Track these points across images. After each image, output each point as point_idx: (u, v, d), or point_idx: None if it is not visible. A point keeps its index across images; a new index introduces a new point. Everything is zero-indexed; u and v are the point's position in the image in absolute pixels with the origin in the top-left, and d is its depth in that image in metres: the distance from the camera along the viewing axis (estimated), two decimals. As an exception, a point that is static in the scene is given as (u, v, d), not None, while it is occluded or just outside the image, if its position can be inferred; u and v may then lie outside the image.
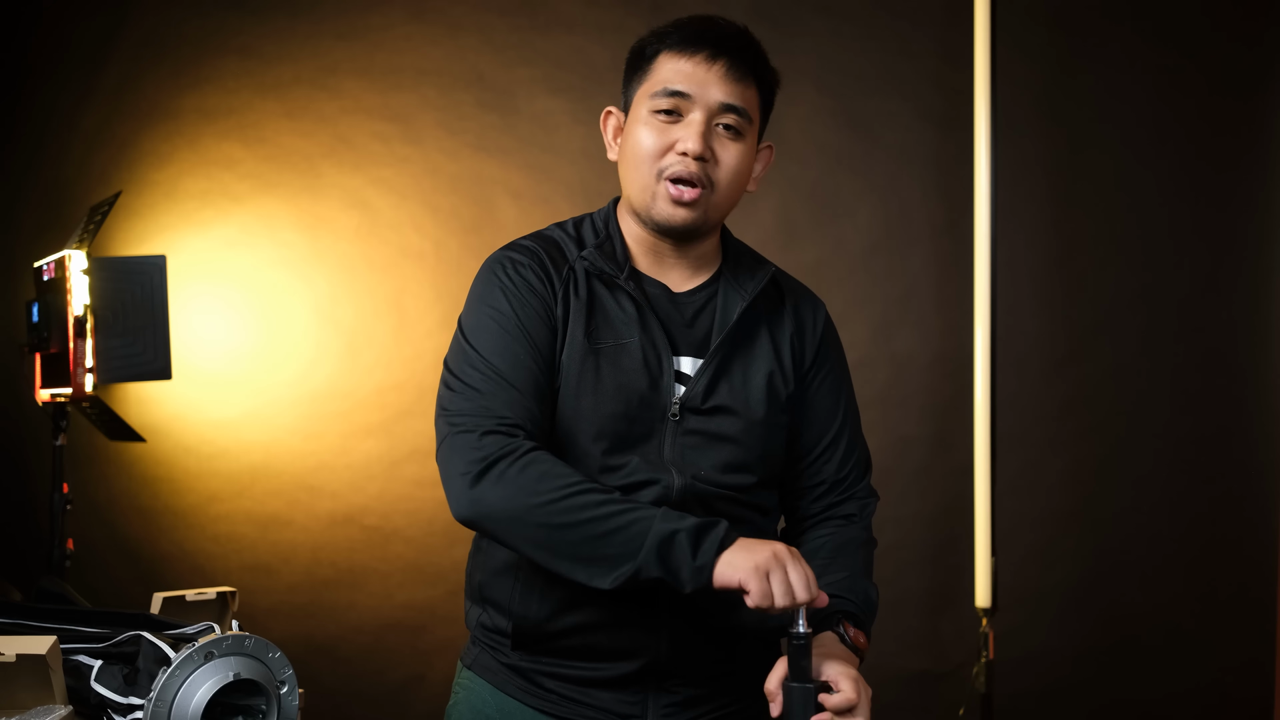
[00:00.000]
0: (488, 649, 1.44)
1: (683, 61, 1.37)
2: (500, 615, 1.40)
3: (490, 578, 1.42)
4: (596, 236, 1.43)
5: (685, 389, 1.37)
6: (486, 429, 1.26)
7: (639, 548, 1.19)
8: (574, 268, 1.39)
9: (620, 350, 1.36)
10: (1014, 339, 3.05)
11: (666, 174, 1.36)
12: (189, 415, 3.21)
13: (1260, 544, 3.07)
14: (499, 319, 1.34)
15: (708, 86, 1.36)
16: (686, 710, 1.39)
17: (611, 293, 1.38)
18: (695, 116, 1.35)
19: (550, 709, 1.39)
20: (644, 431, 1.36)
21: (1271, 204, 3.07)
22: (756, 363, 1.41)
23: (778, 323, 1.45)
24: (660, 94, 1.36)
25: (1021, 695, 3.03)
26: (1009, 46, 2.97)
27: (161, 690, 1.28)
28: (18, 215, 3.32)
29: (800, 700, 1.21)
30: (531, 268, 1.37)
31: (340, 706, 3.12)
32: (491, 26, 3.21)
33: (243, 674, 1.31)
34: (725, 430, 1.38)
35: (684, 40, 1.37)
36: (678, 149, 1.35)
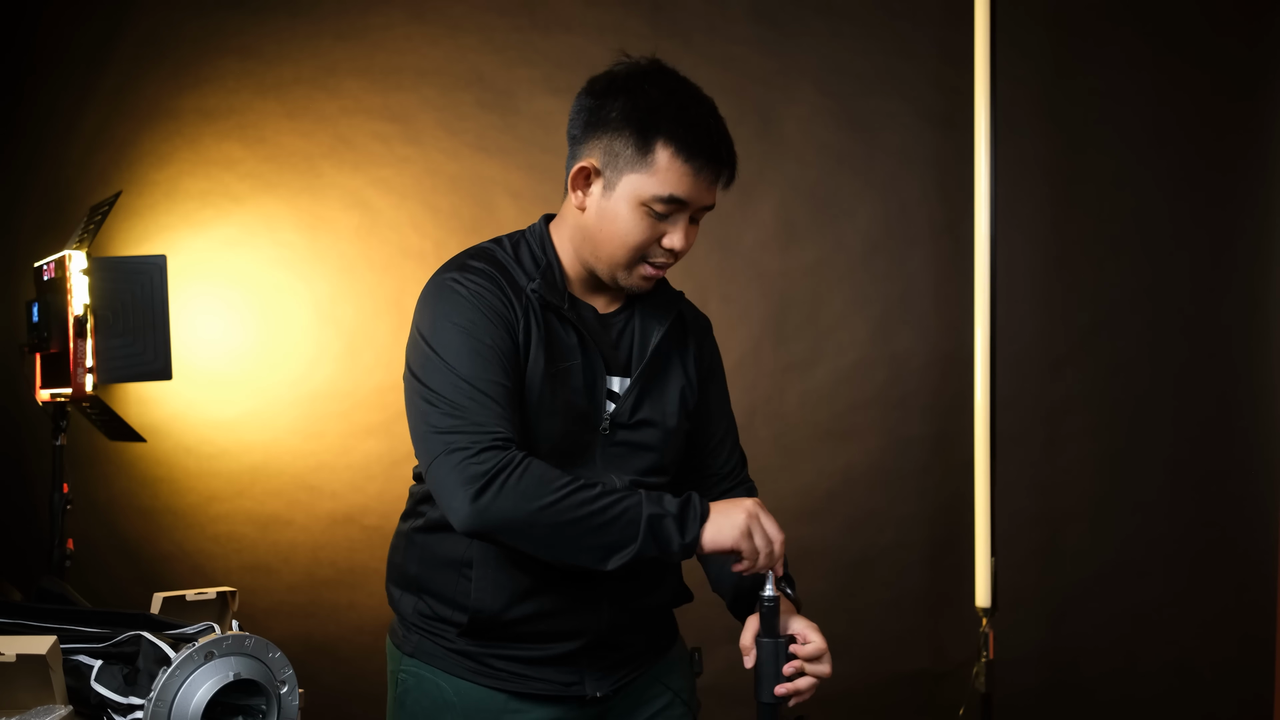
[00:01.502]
0: (429, 636, 1.55)
1: (686, 169, 1.42)
2: (446, 606, 1.51)
3: (429, 571, 1.54)
4: (536, 263, 1.51)
5: (615, 406, 1.52)
6: (483, 445, 1.34)
7: (635, 534, 1.34)
8: (528, 294, 1.47)
9: (568, 373, 1.48)
10: (1014, 339, 3.05)
11: (650, 260, 1.47)
12: (189, 415, 3.21)
13: (1260, 544, 3.07)
14: (470, 334, 1.41)
15: (701, 195, 1.45)
16: (614, 672, 1.56)
17: (557, 319, 1.49)
18: (682, 217, 1.45)
19: (501, 685, 1.52)
20: (582, 445, 1.50)
21: (1271, 204, 3.07)
22: (670, 379, 1.57)
23: (683, 345, 1.61)
24: (662, 200, 1.42)
25: (1021, 695, 3.03)
26: (1009, 46, 2.97)
27: (161, 690, 1.28)
28: (18, 215, 3.32)
29: (772, 652, 1.40)
30: (493, 291, 1.44)
31: (340, 706, 3.12)
32: (491, 26, 3.21)
33: (243, 674, 1.31)
34: (647, 440, 1.54)
35: (693, 150, 1.41)
36: (665, 244, 1.46)
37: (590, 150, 1.46)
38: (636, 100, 1.42)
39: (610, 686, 1.55)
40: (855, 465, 3.13)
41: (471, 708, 1.52)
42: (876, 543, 3.13)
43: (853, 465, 3.13)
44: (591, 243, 1.48)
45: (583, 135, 1.47)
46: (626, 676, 1.58)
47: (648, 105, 1.42)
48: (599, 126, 1.45)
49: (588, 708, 1.55)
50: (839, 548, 3.10)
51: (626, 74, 1.46)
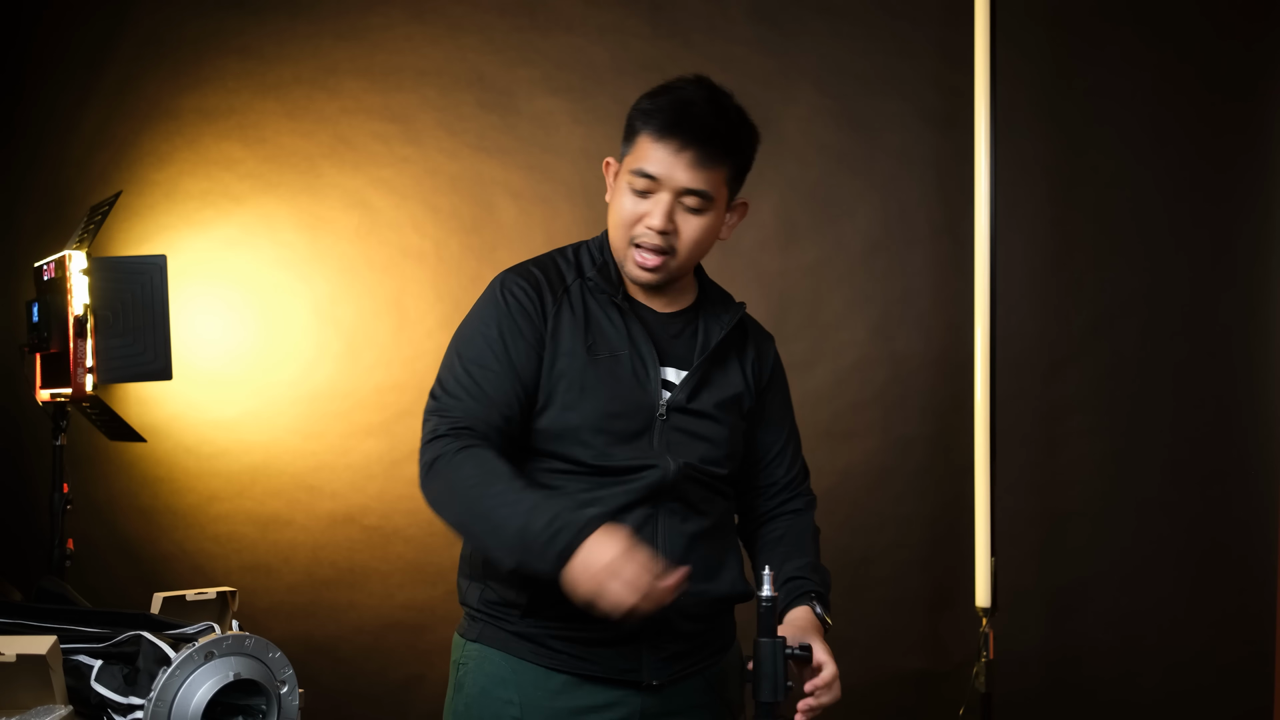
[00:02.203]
0: (492, 621, 1.62)
1: (657, 147, 1.54)
2: (508, 589, 1.58)
3: None
4: (594, 263, 1.65)
5: (671, 394, 1.61)
6: (438, 433, 1.52)
7: (513, 541, 1.41)
8: (570, 289, 1.61)
9: (615, 361, 1.59)
10: (1014, 339, 3.05)
11: (635, 240, 1.58)
12: (189, 415, 3.21)
13: (1259, 543, 3.07)
14: (485, 333, 1.57)
15: (675, 172, 1.55)
16: (674, 663, 1.61)
17: (607, 311, 1.61)
18: (662, 197, 1.55)
19: (559, 666, 1.58)
20: (638, 428, 1.58)
21: (1271, 204, 3.07)
22: (728, 378, 1.68)
23: (743, 350, 1.72)
24: (636, 173, 1.56)
25: (1021, 695, 3.03)
26: (1009, 46, 2.97)
27: (161, 690, 1.28)
28: (18, 215, 3.32)
29: (769, 652, 1.41)
30: (527, 292, 1.58)
31: (340, 706, 3.12)
32: (491, 26, 3.21)
33: (243, 674, 1.32)
34: (702, 430, 1.63)
35: (660, 127, 1.54)
36: (645, 222, 1.57)
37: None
38: (641, 103, 1.59)
39: (667, 675, 1.59)
40: (855, 465, 3.13)
41: (529, 684, 1.59)
42: (876, 543, 3.13)
43: (853, 465, 3.12)
44: (609, 231, 1.63)
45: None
46: (684, 670, 1.61)
47: (648, 105, 1.58)
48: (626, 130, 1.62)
49: (643, 695, 1.59)
50: (839, 548, 3.09)
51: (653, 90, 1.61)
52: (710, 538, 1.63)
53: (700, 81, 1.60)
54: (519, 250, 3.16)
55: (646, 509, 1.56)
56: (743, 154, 1.63)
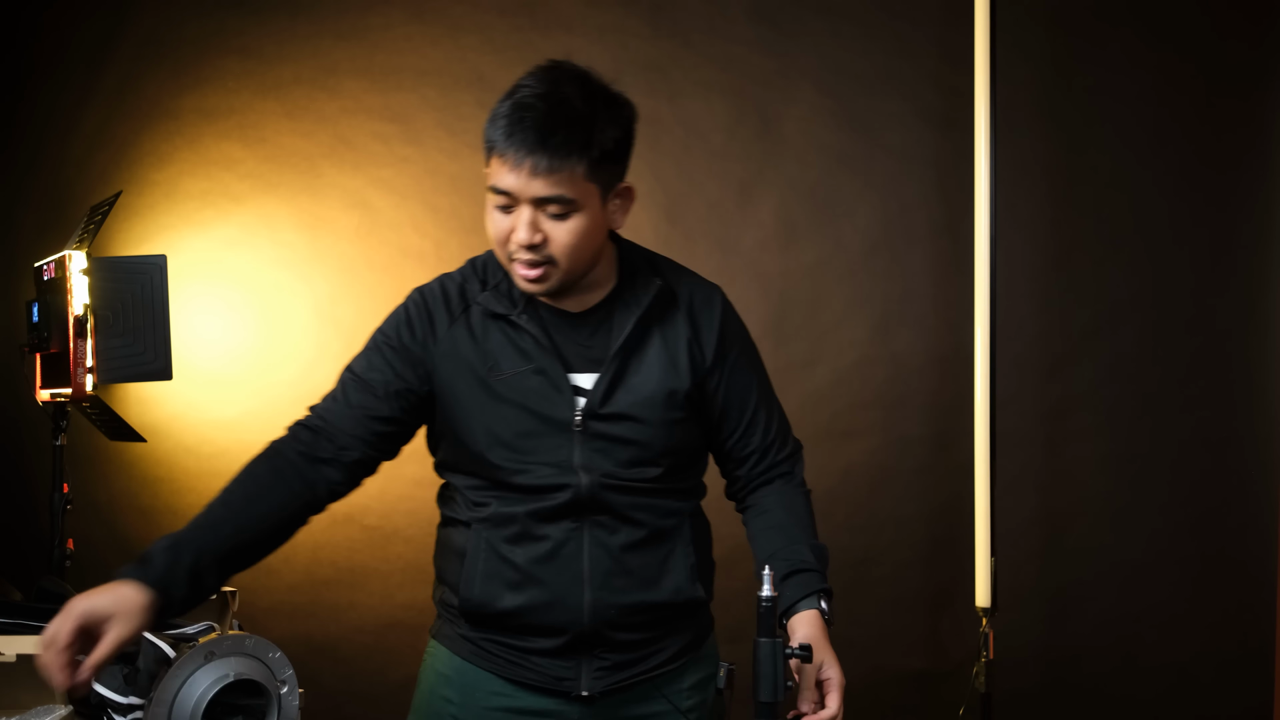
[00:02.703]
0: (447, 621, 1.64)
1: (501, 162, 1.46)
2: (452, 593, 1.59)
3: (443, 561, 1.63)
4: (496, 276, 1.59)
5: (585, 401, 1.53)
6: (291, 425, 1.59)
7: None
8: (470, 307, 1.57)
9: (518, 377, 1.53)
10: (1014, 339, 3.05)
11: (511, 256, 1.50)
12: (189, 415, 3.21)
13: (1259, 543, 3.07)
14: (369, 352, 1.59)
15: (523, 185, 1.45)
16: (615, 673, 1.56)
17: (508, 327, 1.55)
18: (523, 210, 1.47)
19: (498, 670, 1.58)
20: (551, 443, 1.53)
21: (1271, 204, 3.07)
22: (650, 369, 1.56)
23: (672, 330, 1.59)
24: (492, 190, 1.49)
25: (1021, 695, 3.03)
26: (1009, 46, 2.97)
27: (161, 690, 1.28)
28: (18, 215, 3.32)
29: (769, 653, 1.39)
30: (420, 313, 1.58)
31: (340, 706, 3.12)
32: (491, 26, 3.21)
33: (243, 674, 1.31)
34: (625, 434, 1.54)
35: (500, 141, 1.46)
36: (513, 238, 1.48)
37: None
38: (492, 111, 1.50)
39: (603, 687, 1.55)
40: (855, 465, 3.12)
41: (468, 685, 1.59)
42: (876, 543, 3.13)
43: (853, 465, 3.12)
44: None
45: None
46: (627, 680, 1.57)
47: (491, 114, 1.49)
48: None
49: (580, 705, 1.56)
50: (839, 548, 3.06)
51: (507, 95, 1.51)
52: (646, 546, 1.56)
53: (543, 75, 1.48)
54: (519, 250, 3.16)
55: (570, 524, 1.53)
56: (597, 144, 1.45)
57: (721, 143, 3.16)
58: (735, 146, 3.16)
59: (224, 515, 1.45)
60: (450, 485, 1.64)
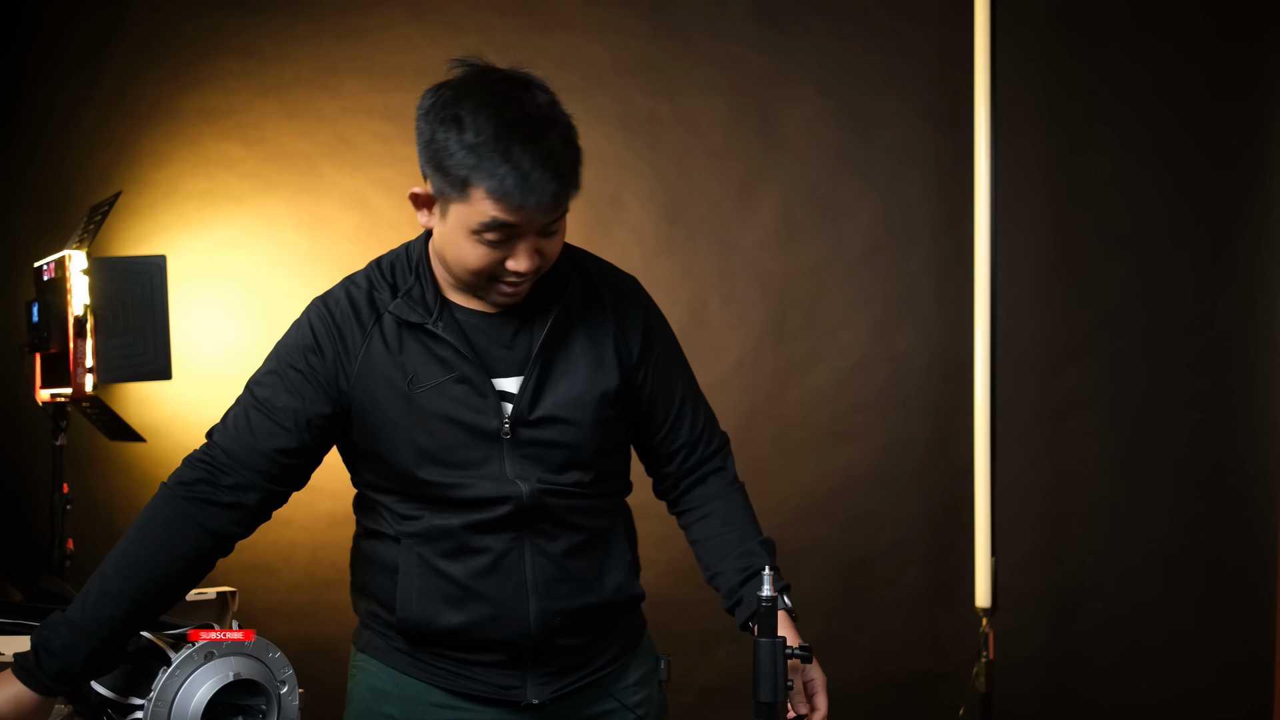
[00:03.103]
0: (377, 633, 1.57)
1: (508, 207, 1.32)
2: (382, 607, 1.53)
3: (369, 576, 1.56)
4: (406, 280, 1.48)
5: (511, 406, 1.45)
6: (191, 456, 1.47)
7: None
8: (382, 318, 1.46)
9: (440, 388, 1.43)
10: (1014, 339, 3.05)
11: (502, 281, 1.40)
12: (189, 415, 3.21)
13: (1259, 543, 3.07)
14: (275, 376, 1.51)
15: (534, 218, 1.35)
16: (561, 678, 1.52)
17: (424, 336, 1.44)
18: (525, 242, 1.37)
19: (440, 683, 1.52)
20: (481, 454, 1.44)
21: (1271, 204, 3.07)
22: (577, 368, 1.48)
23: (597, 325, 1.51)
24: (487, 227, 1.34)
25: (1021, 695, 3.03)
26: (1009, 46, 2.97)
27: (161, 690, 1.28)
28: (18, 215, 3.32)
29: (769, 652, 1.39)
30: (329, 330, 1.48)
31: (340, 706, 3.11)
32: (491, 26, 3.20)
33: (243, 674, 1.31)
34: (557, 437, 1.46)
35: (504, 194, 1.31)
36: (510, 265, 1.37)
37: (426, 173, 1.42)
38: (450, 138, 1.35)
39: (551, 693, 1.51)
40: (855, 465, 3.12)
41: (410, 699, 1.53)
42: (876, 543, 3.13)
43: (853, 465, 3.12)
44: (446, 263, 1.44)
45: (421, 156, 1.42)
46: (573, 684, 1.54)
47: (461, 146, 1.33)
48: (427, 155, 1.40)
49: (529, 714, 1.52)
50: (839, 548, 3.10)
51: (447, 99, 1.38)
52: (586, 549, 1.51)
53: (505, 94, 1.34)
54: (519, 250, 3.16)
55: (509, 536, 1.45)
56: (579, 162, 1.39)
57: (721, 143, 3.16)
58: (735, 146, 3.16)
59: (120, 586, 1.45)
60: (369, 497, 1.57)
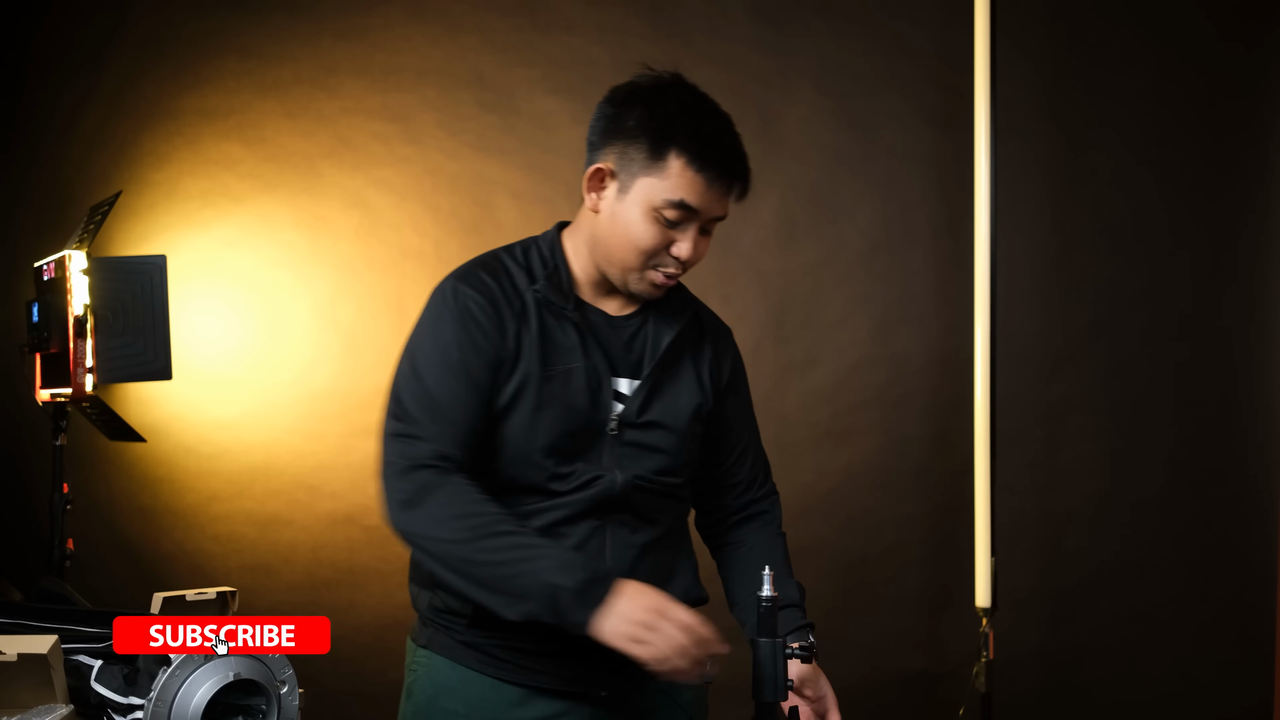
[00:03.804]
0: (442, 628, 1.58)
1: (698, 179, 1.45)
2: (453, 598, 1.54)
3: None
4: (544, 267, 1.56)
5: (623, 407, 1.54)
6: (418, 463, 1.43)
7: (533, 596, 1.37)
8: (525, 299, 1.52)
9: (568, 375, 1.51)
10: (1014, 339, 3.05)
11: (658, 268, 1.51)
12: (189, 415, 3.21)
13: (1259, 543, 3.07)
14: (445, 354, 1.48)
15: (713, 205, 1.48)
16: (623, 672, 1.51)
17: (559, 322, 1.52)
18: (694, 227, 1.49)
19: (506, 676, 1.54)
20: (587, 444, 1.52)
21: (1271, 204, 3.07)
22: (682, 384, 1.60)
23: (698, 351, 1.64)
24: (673, 205, 1.46)
25: (1021, 695, 3.03)
26: (1009, 46, 2.96)
27: (161, 690, 1.29)
28: (18, 215, 3.32)
29: (769, 652, 1.40)
30: (484, 307, 1.49)
31: (340, 706, 3.12)
32: (491, 26, 3.21)
33: (243, 674, 1.32)
34: (656, 442, 1.56)
35: (706, 160, 1.45)
36: (673, 252, 1.50)
37: (606, 154, 1.51)
38: (654, 109, 1.47)
39: (616, 685, 1.56)
40: (855, 465, 3.12)
41: (475, 696, 1.55)
42: (876, 543, 3.13)
43: (853, 465, 3.12)
44: (604, 246, 1.53)
45: (600, 141, 1.52)
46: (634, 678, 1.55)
47: (664, 115, 1.46)
48: (616, 133, 1.50)
49: (591, 706, 1.56)
50: (839, 548, 3.10)
51: (647, 85, 1.51)
52: (660, 546, 1.58)
53: (696, 91, 1.51)
54: (519, 250, 3.16)
55: (593, 522, 1.52)
56: None
57: (721, 143, 3.16)
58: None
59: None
60: None
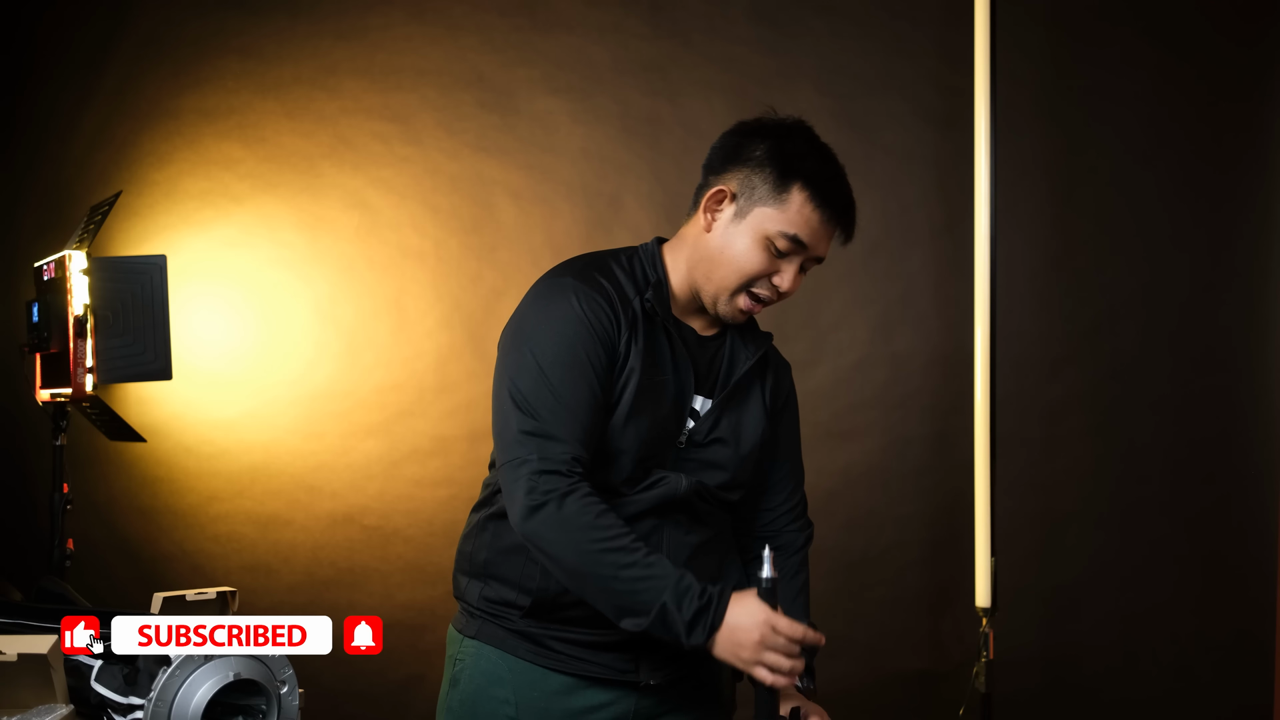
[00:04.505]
0: (491, 619, 1.61)
1: (815, 216, 1.54)
2: (509, 589, 1.59)
3: (498, 556, 1.61)
4: (648, 279, 1.61)
5: (694, 424, 1.61)
6: (547, 468, 1.46)
7: (648, 612, 1.42)
8: (635, 307, 1.57)
9: (662, 386, 1.57)
10: (1014, 339, 3.05)
11: (753, 291, 1.58)
12: (189, 415, 3.21)
13: (1259, 543, 3.07)
14: (572, 347, 1.51)
15: (820, 244, 1.57)
16: (669, 665, 1.61)
17: (658, 333, 1.59)
18: (798, 261, 1.57)
19: (558, 666, 1.59)
20: (660, 453, 1.59)
21: (1271, 204, 3.07)
22: (750, 406, 1.67)
23: (763, 378, 1.71)
24: (786, 237, 1.54)
25: (1021, 695, 3.03)
26: (1009, 46, 2.97)
27: (161, 690, 1.29)
28: (18, 215, 3.32)
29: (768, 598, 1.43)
30: (606, 313, 1.54)
31: (340, 706, 3.12)
32: (491, 26, 3.21)
33: (243, 674, 1.32)
34: (718, 459, 1.63)
35: (825, 197, 1.54)
36: (775, 280, 1.57)
37: (729, 179, 1.58)
38: (783, 145, 1.56)
39: (665, 677, 1.60)
40: (855, 465, 3.13)
41: (525, 685, 1.59)
42: (876, 542, 3.13)
43: (853, 465, 3.13)
44: (708, 263, 1.58)
45: (722, 165, 1.60)
46: (680, 670, 1.62)
47: (792, 152, 1.55)
48: (741, 160, 1.57)
49: (638, 695, 1.60)
50: (839, 548, 3.10)
51: (775, 122, 1.60)
52: (711, 548, 1.64)
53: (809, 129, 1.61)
54: (519, 250, 3.16)
55: (653, 520, 1.57)
56: None
57: (721, 143, 3.16)
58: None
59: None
60: None
